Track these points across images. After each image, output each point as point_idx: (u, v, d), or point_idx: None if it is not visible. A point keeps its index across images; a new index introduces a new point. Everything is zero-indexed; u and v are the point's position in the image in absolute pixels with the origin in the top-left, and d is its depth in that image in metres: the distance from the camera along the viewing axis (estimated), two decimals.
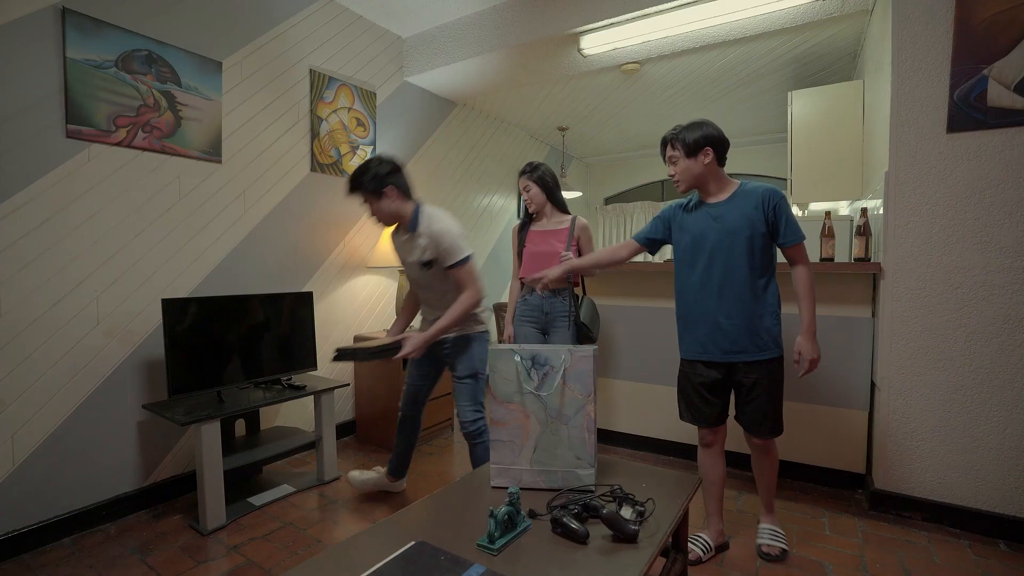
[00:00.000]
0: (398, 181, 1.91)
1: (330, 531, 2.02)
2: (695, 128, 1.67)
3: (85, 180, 1.99)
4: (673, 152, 1.71)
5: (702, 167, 1.67)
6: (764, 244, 1.65)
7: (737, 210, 1.65)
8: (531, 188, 2.31)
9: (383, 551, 1.06)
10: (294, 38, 2.74)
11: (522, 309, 2.33)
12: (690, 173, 1.68)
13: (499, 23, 3.01)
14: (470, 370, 2.03)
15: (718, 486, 1.85)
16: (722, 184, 1.72)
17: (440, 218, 1.93)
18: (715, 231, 1.67)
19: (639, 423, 2.85)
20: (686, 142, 1.67)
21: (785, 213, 1.64)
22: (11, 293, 1.82)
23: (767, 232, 1.64)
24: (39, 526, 1.89)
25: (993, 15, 1.87)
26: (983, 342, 1.94)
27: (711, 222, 1.69)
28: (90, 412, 2.03)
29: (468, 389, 2.03)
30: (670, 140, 1.72)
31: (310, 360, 2.57)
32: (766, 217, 1.63)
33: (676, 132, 1.70)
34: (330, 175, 2.97)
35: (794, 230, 1.64)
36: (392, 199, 1.90)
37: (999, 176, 1.90)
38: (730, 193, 1.70)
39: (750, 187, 1.68)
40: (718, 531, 1.86)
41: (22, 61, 1.82)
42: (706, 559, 1.79)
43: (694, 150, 1.66)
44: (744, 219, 1.64)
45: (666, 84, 3.91)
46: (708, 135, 1.66)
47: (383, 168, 1.88)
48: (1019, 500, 1.91)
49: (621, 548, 1.10)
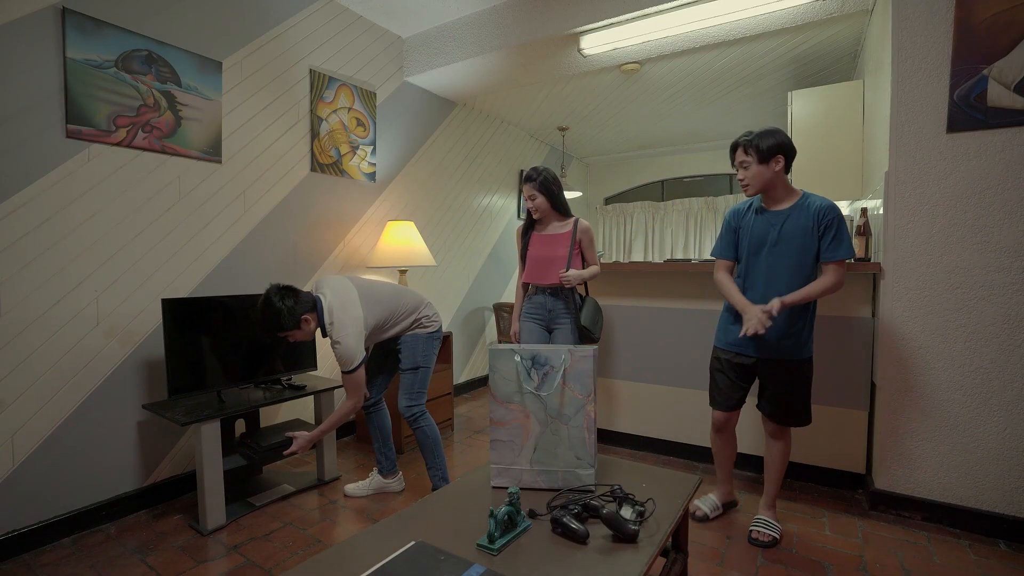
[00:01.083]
0: (305, 306, 1.93)
1: (330, 531, 2.02)
2: (768, 136, 1.72)
3: (85, 180, 1.99)
4: (745, 157, 1.76)
5: (772, 173, 1.74)
6: (815, 255, 1.74)
7: (796, 220, 1.74)
8: (536, 197, 2.31)
9: (383, 551, 1.06)
10: (294, 38, 2.74)
11: (528, 307, 2.40)
12: (761, 178, 1.75)
13: (499, 23, 3.01)
14: (412, 363, 2.18)
15: (730, 461, 2.06)
16: (788, 191, 1.80)
17: (340, 324, 1.94)
18: (773, 237, 1.77)
19: (639, 423, 2.85)
20: (760, 148, 1.72)
21: (834, 229, 1.70)
22: (11, 293, 1.82)
23: (817, 243, 1.73)
24: (39, 526, 1.89)
25: (993, 15, 1.87)
26: (983, 342, 1.94)
27: (771, 229, 1.78)
28: (90, 412, 2.03)
29: (407, 380, 2.19)
30: (743, 145, 1.77)
31: (310, 360, 2.57)
32: (818, 229, 1.71)
33: (750, 138, 1.75)
34: (330, 175, 2.97)
35: (837, 248, 1.70)
36: (310, 322, 1.95)
37: (999, 176, 1.90)
38: (793, 203, 1.77)
39: (812, 199, 1.76)
40: (726, 491, 2.08)
41: (22, 61, 1.82)
42: (713, 517, 2.03)
43: (767, 157, 1.72)
44: (801, 229, 1.73)
45: (666, 84, 3.91)
46: (781, 143, 1.72)
47: (289, 302, 1.88)
48: (1019, 500, 1.91)
49: (621, 548, 1.10)
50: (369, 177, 3.23)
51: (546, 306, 2.34)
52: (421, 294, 2.36)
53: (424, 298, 2.28)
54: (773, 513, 1.97)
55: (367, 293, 2.07)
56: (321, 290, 2.02)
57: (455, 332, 4.08)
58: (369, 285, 2.13)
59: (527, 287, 2.45)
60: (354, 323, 1.95)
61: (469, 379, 4.30)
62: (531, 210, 2.35)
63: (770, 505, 1.97)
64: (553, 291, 2.32)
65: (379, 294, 2.11)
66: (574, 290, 2.34)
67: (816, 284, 1.73)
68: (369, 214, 3.25)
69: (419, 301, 2.24)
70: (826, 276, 1.73)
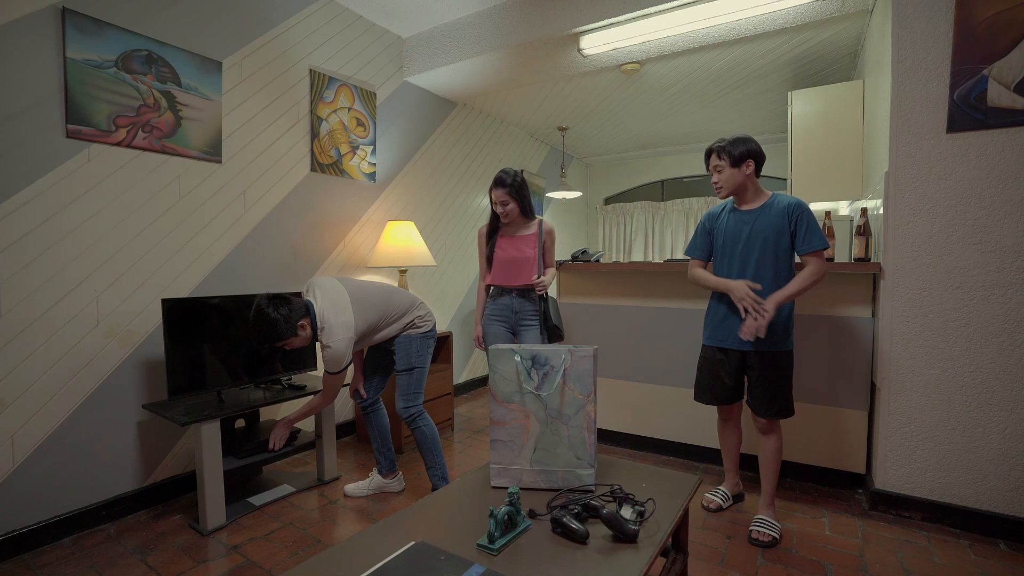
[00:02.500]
0: (299, 313, 1.92)
1: (330, 531, 2.02)
2: (740, 143, 1.88)
3: (85, 180, 1.99)
4: (719, 162, 1.90)
5: (744, 176, 1.88)
6: (787, 249, 1.87)
7: (768, 218, 1.87)
8: (509, 203, 2.27)
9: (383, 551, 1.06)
10: (294, 38, 2.74)
11: (492, 309, 2.39)
12: (733, 181, 1.89)
13: (499, 23, 3.01)
14: (406, 364, 2.17)
15: (735, 450, 2.17)
16: (758, 192, 1.93)
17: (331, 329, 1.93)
18: (746, 235, 1.90)
19: (639, 423, 2.85)
20: (732, 154, 1.87)
21: (805, 223, 1.82)
22: (11, 293, 1.82)
23: (790, 239, 1.85)
24: (39, 526, 1.89)
25: (993, 15, 1.87)
26: (983, 342, 1.94)
27: (743, 227, 1.91)
28: (90, 412, 2.03)
29: (402, 381, 2.18)
30: (716, 150, 1.91)
31: (310, 360, 2.57)
32: (790, 226, 1.84)
33: (723, 144, 1.90)
34: (330, 175, 2.97)
35: (811, 239, 1.82)
36: (306, 327, 1.94)
37: (999, 176, 1.90)
38: (762, 202, 1.91)
39: (779, 198, 1.89)
40: (734, 483, 2.20)
41: (22, 61, 1.82)
42: (726, 507, 2.15)
43: (738, 161, 1.87)
44: (772, 226, 1.86)
45: (666, 84, 3.91)
46: (752, 149, 1.88)
47: (283, 311, 1.87)
48: (1019, 500, 1.91)
49: (621, 548, 1.10)
50: (369, 177, 3.23)
51: (512, 307, 2.34)
52: (414, 295, 2.35)
53: (417, 299, 2.27)
54: (773, 512, 1.98)
55: (358, 295, 2.05)
56: (312, 293, 2.01)
57: (455, 332, 4.08)
58: (360, 287, 2.11)
59: (489, 289, 2.43)
60: (344, 328, 1.94)
61: (469, 379, 4.30)
62: (501, 215, 2.31)
63: (769, 503, 1.99)
64: (520, 292, 2.33)
65: (371, 296, 2.09)
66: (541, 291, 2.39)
67: (801, 277, 1.81)
68: (369, 214, 3.25)
69: (412, 302, 2.23)
70: (809, 268, 1.82)
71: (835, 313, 2.30)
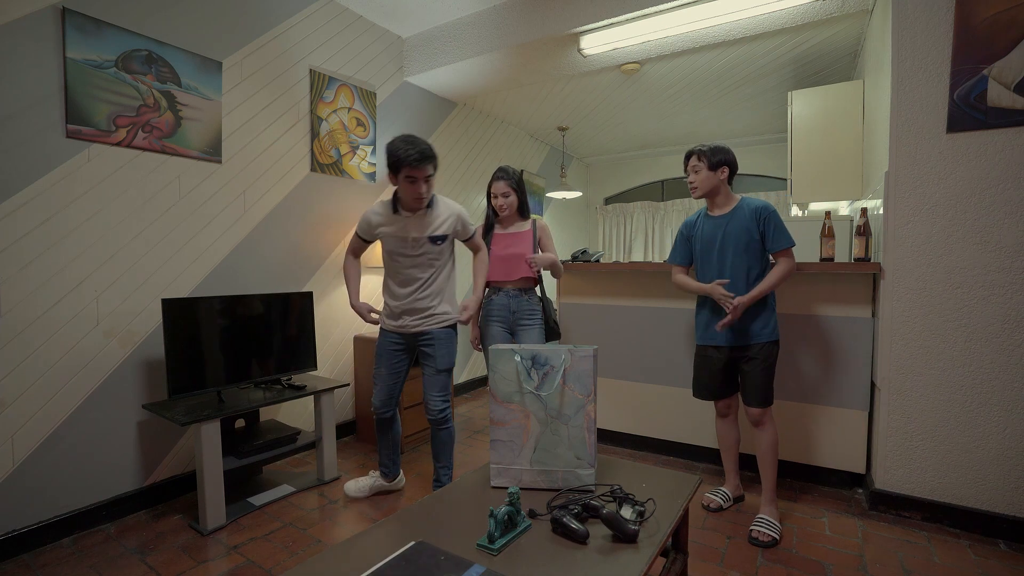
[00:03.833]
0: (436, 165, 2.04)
1: (330, 531, 2.02)
2: (719, 151, 2.02)
3: (85, 180, 1.99)
4: (698, 163, 2.03)
5: (718, 180, 2.01)
6: (758, 248, 1.98)
7: (739, 221, 1.99)
8: (510, 194, 2.34)
9: (383, 551, 1.06)
10: (294, 38, 2.74)
11: (488, 309, 2.39)
12: (708, 183, 2.01)
13: (499, 23, 3.01)
14: (448, 363, 2.16)
15: (734, 450, 2.22)
16: (728, 198, 2.05)
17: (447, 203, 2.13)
18: (720, 238, 2.02)
19: (639, 423, 2.84)
20: (711, 159, 2.00)
21: (772, 224, 1.94)
22: (11, 293, 1.82)
23: (760, 239, 1.97)
24: (39, 526, 1.89)
25: (993, 15, 1.87)
26: (983, 342, 1.94)
27: (717, 231, 2.03)
28: (90, 412, 2.03)
29: (441, 380, 2.15)
30: (696, 153, 2.04)
31: (310, 360, 2.57)
32: (759, 227, 1.96)
33: (703, 149, 2.02)
34: (330, 175, 2.97)
35: (779, 239, 1.94)
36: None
37: (999, 176, 1.90)
38: (732, 207, 2.02)
39: (748, 202, 2.02)
40: (735, 485, 2.23)
41: (22, 61, 1.82)
42: (727, 507, 2.18)
43: (715, 166, 2.00)
44: (742, 229, 1.97)
45: (666, 84, 3.91)
46: (728, 159, 2.02)
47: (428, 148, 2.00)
48: (1019, 500, 1.91)
49: (621, 548, 1.10)
50: (369, 177, 3.23)
51: (509, 307, 2.34)
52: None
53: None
54: (774, 511, 1.99)
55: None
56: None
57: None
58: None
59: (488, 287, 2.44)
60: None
61: (469, 379, 4.30)
62: (499, 208, 2.35)
63: (770, 501, 2.00)
64: (519, 290, 2.34)
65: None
66: (541, 289, 2.41)
67: (770, 277, 1.94)
68: None
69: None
70: (778, 266, 1.95)
71: (835, 313, 2.30)
